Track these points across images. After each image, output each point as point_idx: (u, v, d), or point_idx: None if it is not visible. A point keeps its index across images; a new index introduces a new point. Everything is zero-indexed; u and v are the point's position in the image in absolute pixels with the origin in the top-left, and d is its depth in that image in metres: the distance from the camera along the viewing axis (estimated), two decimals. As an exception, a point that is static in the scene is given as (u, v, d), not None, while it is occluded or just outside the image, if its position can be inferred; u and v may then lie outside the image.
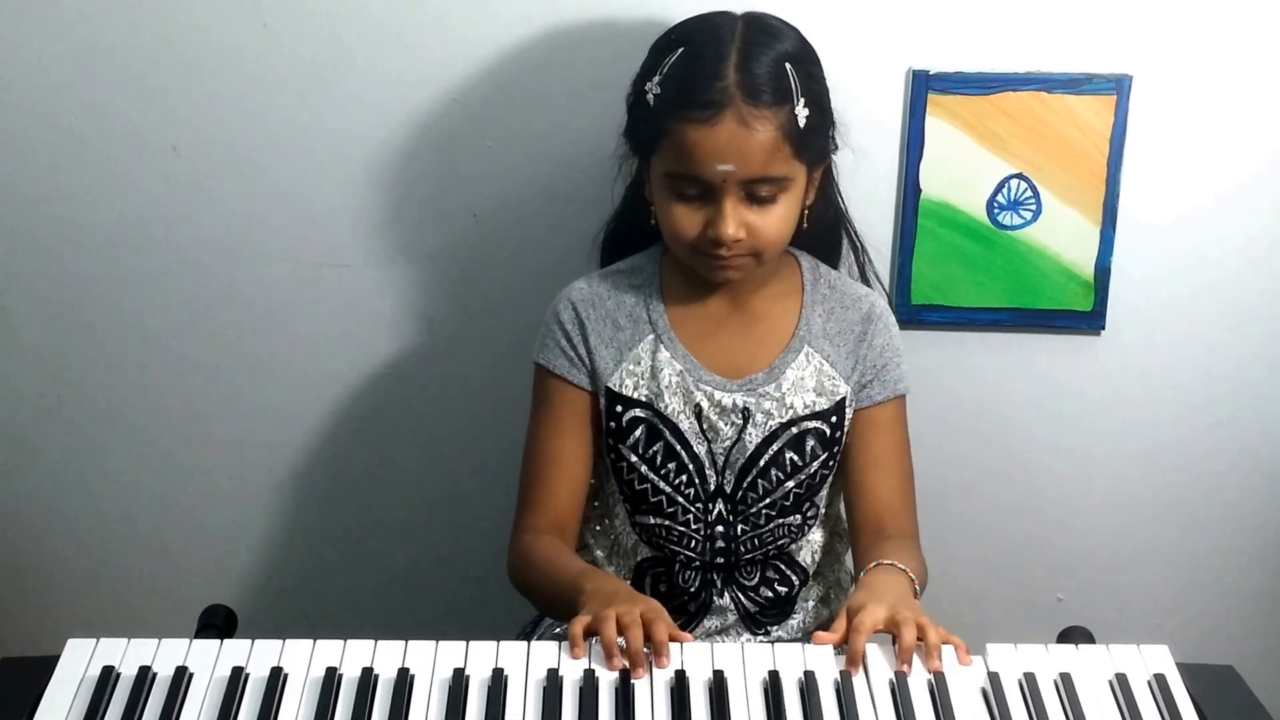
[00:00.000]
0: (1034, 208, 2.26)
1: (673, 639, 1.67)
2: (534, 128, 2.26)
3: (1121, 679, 1.66)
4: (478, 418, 2.45)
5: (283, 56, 2.23)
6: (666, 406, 1.96)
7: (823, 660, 1.66)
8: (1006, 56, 2.20)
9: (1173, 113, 2.24)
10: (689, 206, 1.85)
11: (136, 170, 2.31)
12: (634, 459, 1.98)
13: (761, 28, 1.85)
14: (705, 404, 1.96)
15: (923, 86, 2.20)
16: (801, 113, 1.82)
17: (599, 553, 2.10)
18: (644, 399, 1.97)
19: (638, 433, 1.98)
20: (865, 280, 2.15)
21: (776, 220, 1.86)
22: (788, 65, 1.82)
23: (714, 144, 1.79)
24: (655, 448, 1.98)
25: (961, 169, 2.24)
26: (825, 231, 2.07)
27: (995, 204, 2.26)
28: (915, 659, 1.65)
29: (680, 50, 1.84)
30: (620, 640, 1.65)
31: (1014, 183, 2.24)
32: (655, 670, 1.64)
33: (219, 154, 2.29)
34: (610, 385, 1.98)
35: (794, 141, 1.82)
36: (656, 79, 1.84)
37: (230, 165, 2.30)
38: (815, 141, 1.87)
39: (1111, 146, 2.22)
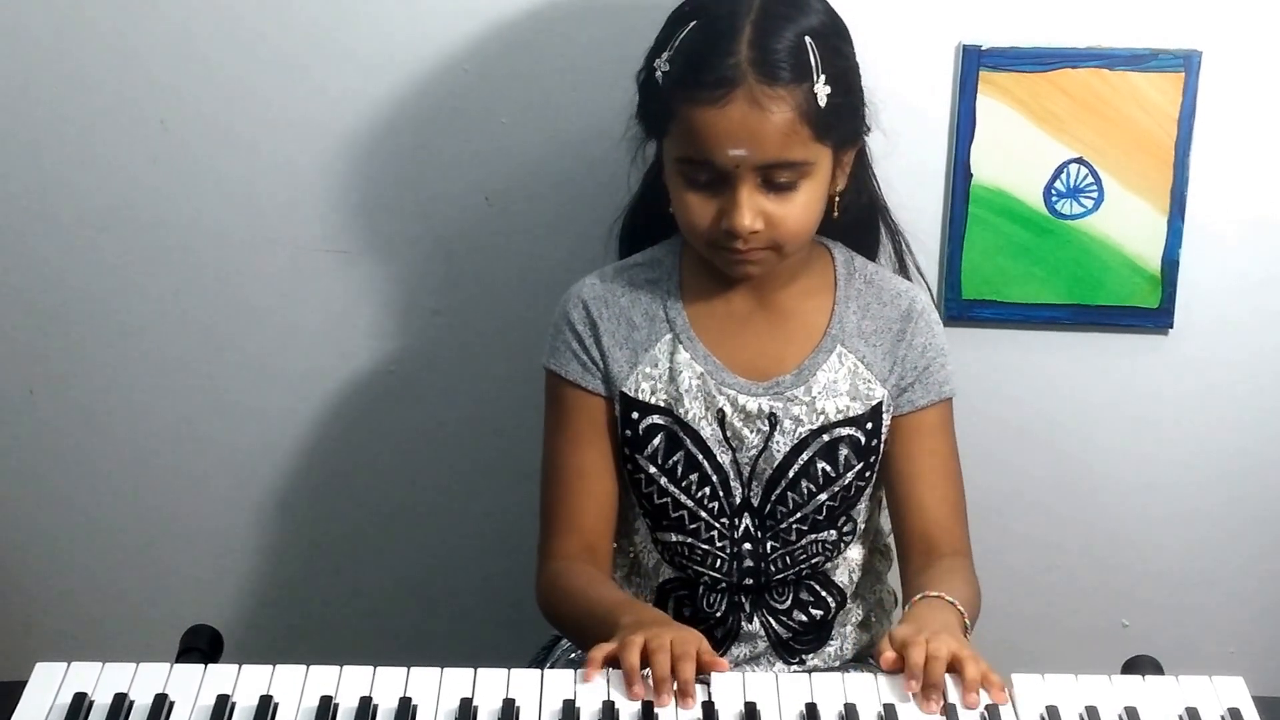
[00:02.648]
0: (1095, 195, 2.25)
1: (708, 667, 1.65)
2: (553, 101, 2.26)
3: (1193, 713, 1.64)
4: (489, 420, 2.44)
5: (279, 22, 2.23)
6: (687, 412, 1.95)
7: (864, 691, 1.65)
8: (1065, 30, 2.19)
9: (1246, 92, 2.22)
10: (702, 195, 1.84)
11: (120, 147, 2.31)
12: (652, 470, 1.98)
13: (783, 4, 1.83)
14: (728, 409, 1.95)
15: (974, 63, 2.19)
16: (821, 91, 1.79)
17: (617, 574, 2.09)
18: (662, 404, 1.96)
19: (656, 441, 1.97)
20: (905, 272, 2.13)
21: (798, 210, 1.84)
22: (808, 39, 1.80)
23: (724, 127, 1.77)
24: (675, 458, 1.97)
25: (1016, 153, 2.23)
26: (859, 221, 2.06)
27: (1053, 191, 2.25)
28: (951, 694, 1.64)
29: (693, 23, 1.83)
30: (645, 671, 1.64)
31: (1073, 168, 2.24)
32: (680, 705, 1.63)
33: (210, 130, 2.29)
34: (625, 390, 1.97)
35: (814, 123, 1.80)
36: (666, 54, 1.83)
37: (222, 142, 2.30)
38: (840, 122, 1.85)
39: (1179, 129, 2.21)
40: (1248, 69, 2.20)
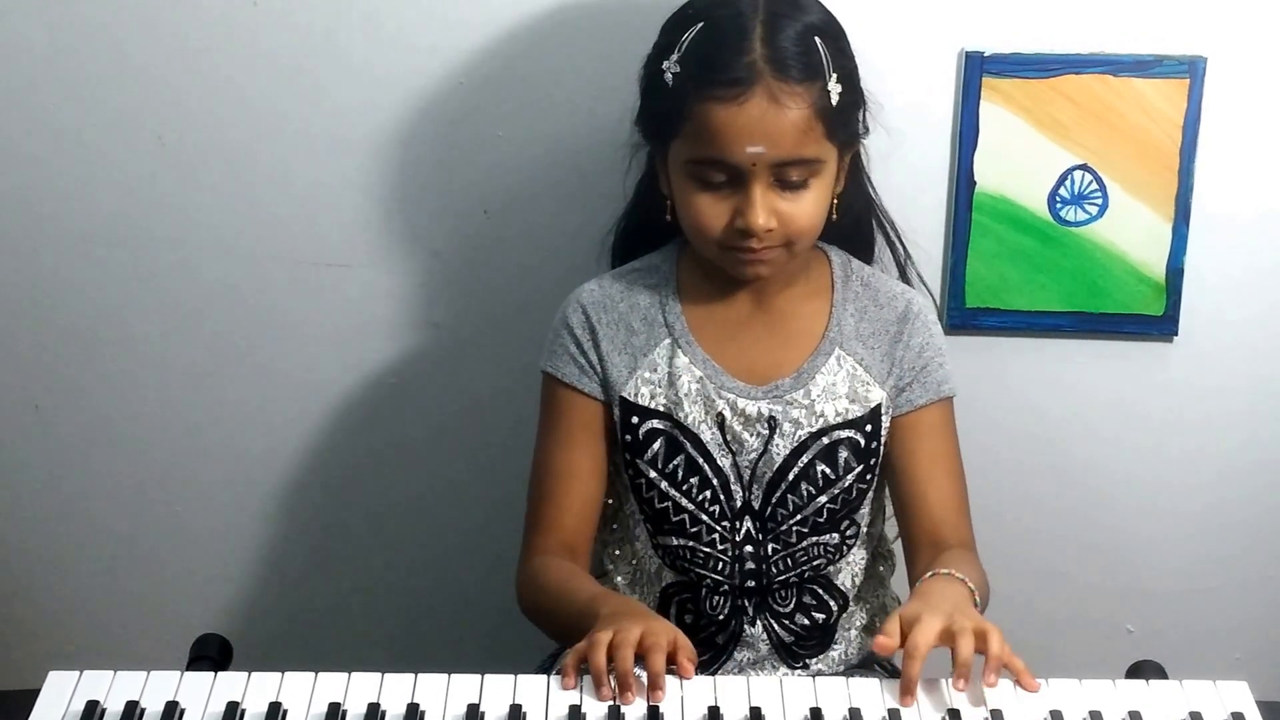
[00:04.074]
0: (1100, 202, 2.26)
1: (677, 670, 1.68)
2: (551, 114, 2.27)
3: (1196, 718, 1.66)
4: (490, 430, 2.46)
5: (276, 37, 2.24)
6: (686, 416, 1.97)
7: (869, 695, 1.67)
8: (1068, 36, 2.20)
9: (1251, 98, 2.24)
10: (714, 196, 1.86)
11: (119, 163, 2.32)
12: (653, 474, 1.99)
13: (785, 3, 1.86)
14: (728, 413, 1.96)
15: (977, 69, 2.21)
16: (834, 89, 1.82)
17: (620, 579, 2.10)
18: (662, 409, 1.98)
19: (656, 446, 1.99)
20: (906, 280, 2.15)
21: (809, 207, 1.86)
22: (816, 38, 1.83)
23: (743, 124, 1.79)
24: (675, 462, 1.99)
25: (1020, 160, 2.24)
26: (855, 224, 2.08)
27: (1057, 198, 2.26)
28: (975, 673, 1.66)
29: (699, 25, 1.84)
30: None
31: (1078, 174, 2.25)
32: (685, 706, 1.65)
33: (208, 144, 2.31)
34: (625, 395, 1.99)
35: (827, 121, 1.83)
36: (675, 56, 1.84)
37: (221, 157, 2.32)
38: (847, 121, 1.88)
39: (1184, 135, 2.22)
40: (1253, 75, 2.21)
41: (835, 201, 1.94)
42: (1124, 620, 2.54)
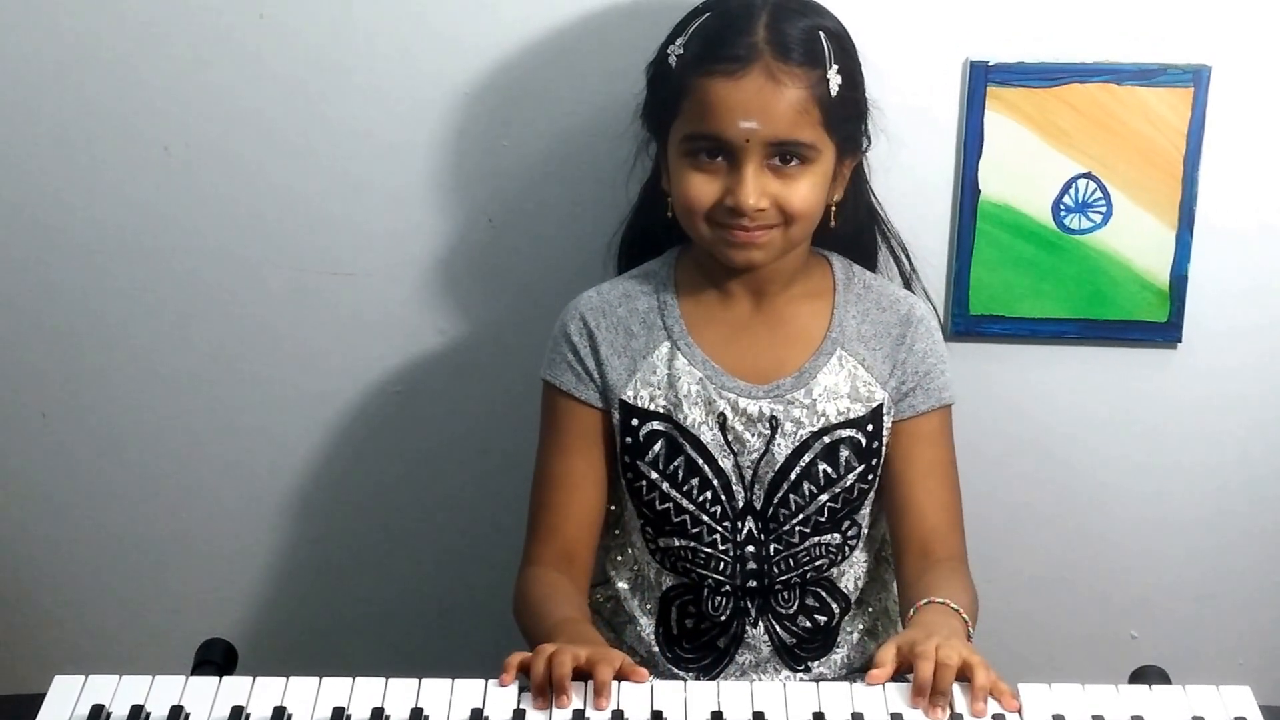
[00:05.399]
0: (1104, 210, 2.26)
1: (627, 676, 1.69)
2: (554, 124, 2.28)
3: (1199, 722, 1.66)
4: (494, 437, 2.47)
5: (282, 48, 2.25)
6: (686, 418, 1.98)
7: (872, 700, 1.67)
8: (1073, 45, 2.21)
9: (1255, 106, 2.24)
10: (707, 175, 1.88)
11: (125, 172, 2.33)
12: (654, 476, 2.00)
13: (795, 2, 1.89)
14: (729, 413, 1.97)
15: (981, 78, 2.21)
16: (834, 79, 1.85)
17: (622, 584, 2.11)
18: (661, 410, 1.99)
19: (656, 447, 2.00)
20: (910, 288, 2.16)
21: (803, 191, 1.87)
22: (821, 34, 1.86)
23: (739, 99, 1.82)
24: (676, 463, 2.00)
25: (1024, 168, 2.25)
26: (858, 233, 2.09)
27: (1061, 206, 2.27)
28: (959, 698, 1.67)
29: (707, 14, 1.89)
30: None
31: (1082, 183, 2.25)
32: (689, 710, 1.65)
33: (214, 154, 2.32)
34: (625, 397, 2.00)
35: (824, 109, 1.85)
36: (681, 41, 1.88)
37: (226, 166, 2.32)
38: (847, 120, 1.90)
39: (1188, 143, 2.22)
40: (1257, 83, 2.22)
41: (834, 210, 1.95)
42: (1127, 626, 2.53)
